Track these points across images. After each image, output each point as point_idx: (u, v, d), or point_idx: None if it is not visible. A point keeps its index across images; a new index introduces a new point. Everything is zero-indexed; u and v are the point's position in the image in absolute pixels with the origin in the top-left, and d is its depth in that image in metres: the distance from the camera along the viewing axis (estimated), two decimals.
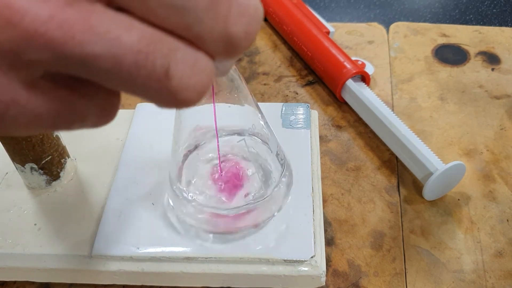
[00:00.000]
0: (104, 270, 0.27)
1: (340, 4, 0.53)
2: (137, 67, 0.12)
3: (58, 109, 0.13)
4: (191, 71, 0.13)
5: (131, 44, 0.12)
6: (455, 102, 0.40)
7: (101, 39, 0.12)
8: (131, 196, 0.29)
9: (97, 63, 0.12)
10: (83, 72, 0.12)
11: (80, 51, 0.12)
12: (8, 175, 0.31)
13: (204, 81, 0.13)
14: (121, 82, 0.13)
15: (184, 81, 0.13)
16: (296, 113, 0.34)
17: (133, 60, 0.12)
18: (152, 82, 0.12)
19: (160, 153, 0.31)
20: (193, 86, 0.13)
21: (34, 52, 0.12)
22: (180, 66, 0.13)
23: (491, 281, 0.29)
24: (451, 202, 0.33)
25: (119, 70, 0.12)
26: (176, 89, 0.13)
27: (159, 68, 0.12)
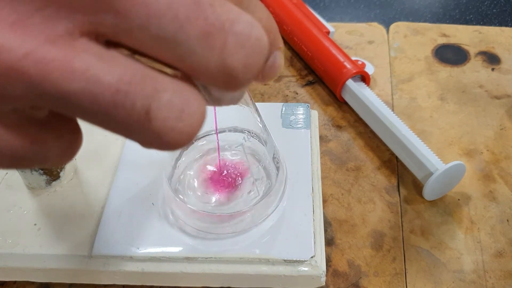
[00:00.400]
0: (104, 270, 0.27)
1: (340, 4, 0.53)
2: (114, 106, 0.12)
3: (23, 147, 0.13)
4: (178, 114, 0.12)
5: (109, 82, 0.11)
6: (455, 102, 0.40)
7: (78, 77, 0.11)
8: (131, 196, 0.29)
9: (74, 101, 0.12)
10: (59, 108, 0.12)
11: (56, 89, 0.11)
12: (8, 175, 0.31)
13: (193, 125, 0.13)
14: (100, 120, 0.12)
15: (168, 124, 0.12)
16: (296, 113, 0.34)
17: (110, 99, 0.12)
18: (132, 122, 0.12)
19: (160, 152, 0.31)
20: (179, 130, 0.12)
21: (8, 87, 0.11)
22: (164, 109, 0.12)
23: (491, 281, 0.29)
24: (451, 202, 0.33)
25: (97, 109, 0.12)
26: (159, 131, 0.12)
27: (139, 108, 0.12)
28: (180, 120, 0.12)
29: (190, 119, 0.12)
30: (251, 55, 0.12)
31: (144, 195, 0.29)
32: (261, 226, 0.27)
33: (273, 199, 0.27)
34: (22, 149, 0.13)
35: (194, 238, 0.27)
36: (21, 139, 0.13)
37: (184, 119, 0.12)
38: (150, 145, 0.13)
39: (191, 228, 0.27)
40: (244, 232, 0.27)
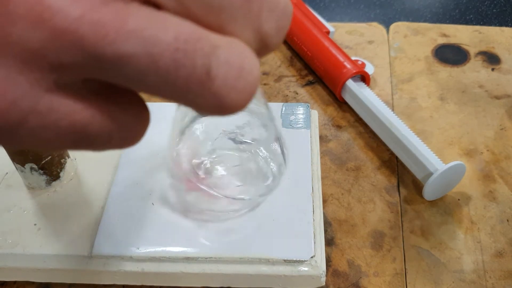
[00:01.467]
0: (104, 270, 0.27)
1: (340, 4, 0.53)
2: (175, 66, 0.11)
3: (84, 123, 0.12)
4: (237, 73, 0.12)
5: (168, 41, 0.11)
6: (455, 102, 0.40)
7: (135, 37, 0.11)
8: (131, 196, 0.29)
9: (132, 64, 0.11)
10: (117, 75, 0.12)
11: (113, 51, 0.11)
12: (8, 175, 0.31)
13: (252, 83, 0.12)
14: (160, 85, 0.12)
15: (229, 83, 0.12)
16: (296, 113, 0.34)
17: (170, 59, 0.11)
18: (193, 84, 0.11)
19: (160, 153, 0.31)
20: (239, 89, 0.12)
21: (63, 52, 0.11)
22: (224, 66, 0.12)
23: (491, 281, 0.29)
24: (451, 202, 0.33)
25: (156, 71, 0.11)
26: (220, 92, 0.12)
27: (200, 67, 0.11)
28: (240, 78, 0.12)
29: (249, 77, 0.12)
30: (281, 19, 0.13)
31: (144, 195, 0.29)
32: (261, 226, 0.27)
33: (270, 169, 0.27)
34: (88, 122, 0.12)
35: (195, 238, 0.27)
36: (85, 110, 0.12)
37: (244, 76, 0.12)
38: (209, 109, 0.12)
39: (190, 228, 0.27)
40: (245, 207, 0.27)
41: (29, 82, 0.11)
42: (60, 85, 0.12)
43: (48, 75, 0.11)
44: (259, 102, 0.26)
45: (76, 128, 0.12)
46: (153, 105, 0.36)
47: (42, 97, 0.12)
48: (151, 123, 0.14)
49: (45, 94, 0.12)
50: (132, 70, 0.11)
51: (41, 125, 0.12)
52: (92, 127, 0.13)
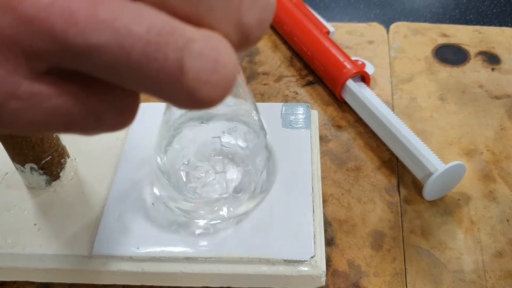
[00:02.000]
0: (104, 270, 0.27)
1: (340, 4, 0.53)
2: (147, 59, 0.11)
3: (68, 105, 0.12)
4: (211, 66, 0.12)
5: (140, 34, 0.11)
6: (455, 102, 0.40)
7: (106, 28, 0.11)
8: (131, 196, 0.29)
9: (102, 54, 0.11)
10: (89, 65, 0.11)
11: (83, 40, 0.11)
12: (8, 175, 0.31)
13: (227, 77, 0.12)
14: (131, 78, 0.12)
15: (203, 76, 0.11)
16: (296, 113, 0.34)
17: (142, 52, 0.11)
18: (165, 77, 0.11)
19: None
20: (214, 83, 0.12)
21: (34, 39, 0.11)
22: (198, 60, 0.11)
23: (491, 281, 0.29)
24: (451, 202, 0.33)
25: (127, 63, 0.11)
26: (193, 86, 0.11)
27: (173, 61, 0.11)
28: (214, 72, 0.12)
29: (224, 70, 0.12)
30: (263, 11, 0.13)
31: (144, 195, 0.29)
32: (261, 226, 0.27)
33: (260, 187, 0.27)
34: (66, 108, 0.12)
35: (195, 238, 0.27)
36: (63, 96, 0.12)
37: (219, 70, 0.12)
38: (183, 103, 0.12)
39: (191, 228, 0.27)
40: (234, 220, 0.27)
41: (5, 69, 0.11)
42: (39, 71, 0.12)
43: (24, 62, 0.11)
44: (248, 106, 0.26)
45: (61, 110, 0.12)
46: (152, 105, 0.36)
47: (21, 83, 0.11)
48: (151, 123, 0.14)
49: (24, 81, 0.11)
50: (103, 61, 0.11)
51: (24, 107, 0.12)
52: (77, 109, 0.12)
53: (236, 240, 0.27)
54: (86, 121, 0.13)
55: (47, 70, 0.12)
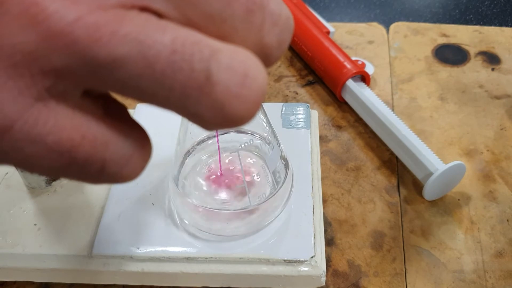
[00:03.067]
0: (104, 270, 0.27)
1: (340, 4, 0.53)
2: (172, 70, 0.11)
3: (73, 144, 0.11)
4: (241, 79, 0.11)
5: (164, 43, 0.11)
6: (455, 102, 0.40)
7: (130, 40, 0.10)
8: (131, 196, 0.29)
9: (126, 67, 0.11)
10: (112, 80, 0.11)
11: (107, 53, 0.10)
12: (8, 175, 0.31)
13: (257, 91, 0.11)
14: (156, 90, 0.11)
15: (232, 90, 0.11)
16: (296, 113, 0.34)
17: (167, 62, 0.11)
18: (192, 89, 0.11)
19: (160, 153, 0.31)
20: (244, 97, 0.11)
21: (56, 55, 0.11)
22: (226, 72, 0.11)
23: (491, 281, 0.29)
24: (451, 202, 0.33)
25: (152, 75, 0.11)
26: (222, 99, 0.11)
27: (199, 72, 0.11)
28: (244, 85, 0.11)
29: (254, 84, 0.11)
30: (283, 32, 0.13)
31: (144, 195, 0.29)
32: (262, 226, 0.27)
33: (281, 198, 0.27)
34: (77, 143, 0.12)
35: (194, 238, 0.27)
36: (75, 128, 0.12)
37: (248, 84, 0.11)
38: (212, 120, 0.11)
39: (191, 228, 0.27)
40: (251, 234, 0.27)
41: (18, 87, 0.11)
42: (52, 94, 0.11)
43: (39, 81, 0.11)
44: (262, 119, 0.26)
45: (63, 147, 0.12)
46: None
47: (31, 106, 0.11)
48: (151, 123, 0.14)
49: (34, 103, 0.11)
50: (126, 74, 0.11)
51: (26, 137, 0.11)
52: (81, 150, 0.12)
53: (236, 240, 0.27)
54: (88, 165, 0.12)
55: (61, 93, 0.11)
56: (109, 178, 0.13)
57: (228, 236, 0.27)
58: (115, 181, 0.13)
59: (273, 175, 0.27)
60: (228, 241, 0.27)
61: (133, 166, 0.13)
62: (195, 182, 0.28)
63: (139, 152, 0.13)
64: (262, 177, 0.27)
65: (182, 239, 0.27)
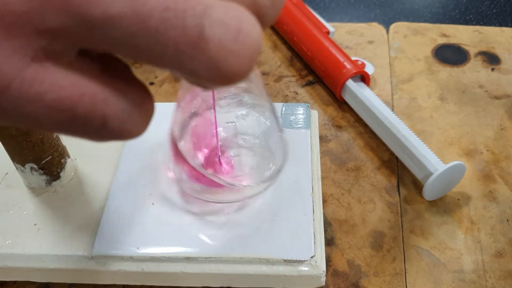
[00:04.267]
0: (104, 270, 0.27)
1: (340, 4, 0.53)
2: (165, 27, 0.11)
3: (73, 102, 0.12)
4: (234, 35, 0.11)
5: (157, 0, 0.11)
6: (455, 102, 0.40)
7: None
8: (131, 196, 0.29)
9: (120, 25, 0.11)
10: (106, 39, 0.11)
11: (101, 12, 0.10)
12: (8, 175, 0.31)
13: (252, 47, 0.11)
14: (151, 48, 0.11)
15: (225, 45, 0.11)
16: (296, 113, 0.34)
17: (160, 19, 0.11)
18: (185, 46, 0.11)
19: (160, 152, 0.31)
20: (238, 53, 0.11)
21: (49, 14, 0.11)
22: (219, 27, 0.11)
23: (491, 281, 0.29)
24: (451, 202, 0.33)
25: (146, 32, 0.11)
26: (216, 55, 0.11)
27: (192, 28, 0.11)
28: (237, 41, 0.11)
29: (248, 40, 0.11)
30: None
31: (144, 195, 0.29)
32: (261, 226, 0.27)
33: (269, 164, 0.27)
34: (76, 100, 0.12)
35: (195, 238, 0.27)
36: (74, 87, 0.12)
37: (242, 40, 0.11)
38: (206, 75, 0.12)
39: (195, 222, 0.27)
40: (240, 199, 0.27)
41: (13, 47, 0.11)
42: (48, 54, 0.11)
43: (34, 42, 0.11)
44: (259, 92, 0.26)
45: (63, 105, 0.12)
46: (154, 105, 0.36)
47: (28, 65, 0.11)
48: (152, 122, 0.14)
49: (30, 63, 0.11)
50: (121, 33, 0.11)
51: (24, 95, 0.11)
52: (81, 107, 0.12)
53: (236, 240, 0.27)
54: (89, 122, 0.12)
55: (57, 54, 0.11)
56: (113, 133, 0.13)
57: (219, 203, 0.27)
58: (120, 137, 0.13)
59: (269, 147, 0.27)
60: (228, 241, 0.27)
61: (135, 121, 0.13)
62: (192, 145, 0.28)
63: (140, 107, 0.13)
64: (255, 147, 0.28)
65: (182, 239, 0.27)
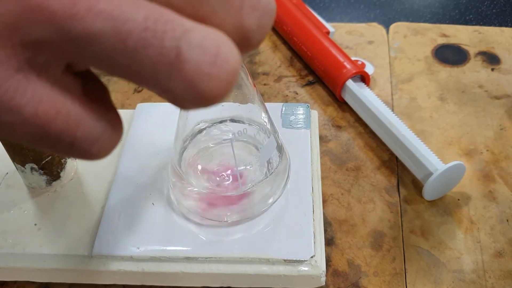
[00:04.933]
0: (104, 270, 0.27)
1: (340, 4, 0.53)
2: (143, 45, 0.11)
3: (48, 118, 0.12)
4: (212, 59, 0.12)
5: (137, 21, 0.11)
6: (455, 102, 0.40)
7: (105, 16, 0.11)
8: (131, 196, 0.29)
9: (100, 41, 0.11)
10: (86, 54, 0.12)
11: (82, 28, 0.11)
12: (8, 175, 0.31)
13: (229, 71, 0.12)
14: (128, 65, 0.12)
15: (202, 68, 0.11)
16: (296, 113, 0.34)
17: (138, 38, 0.11)
18: (161, 65, 0.11)
19: (160, 153, 0.31)
20: (215, 76, 0.12)
21: (35, 26, 0.11)
22: (196, 50, 0.11)
23: (491, 281, 0.29)
24: (451, 202, 0.33)
25: (124, 50, 0.11)
26: (192, 77, 0.11)
27: (169, 48, 0.11)
28: (214, 65, 0.12)
29: (225, 65, 0.12)
30: (263, 16, 0.13)
31: (144, 195, 0.29)
32: (261, 226, 0.27)
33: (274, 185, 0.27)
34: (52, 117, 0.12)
35: (194, 238, 0.27)
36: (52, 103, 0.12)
37: (219, 64, 0.12)
38: (184, 97, 0.12)
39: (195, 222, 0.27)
40: (244, 221, 0.27)
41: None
42: (33, 66, 0.12)
43: (20, 53, 0.11)
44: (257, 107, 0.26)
45: (38, 120, 0.12)
46: (152, 105, 0.36)
47: (11, 76, 0.12)
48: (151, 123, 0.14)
49: (15, 73, 0.12)
50: (100, 49, 0.11)
51: (4, 106, 0.12)
52: (54, 125, 0.12)
53: (236, 240, 0.27)
54: (59, 140, 0.13)
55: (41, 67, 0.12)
56: (78, 154, 0.13)
57: (222, 222, 0.27)
58: (84, 158, 0.14)
59: (267, 164, 0.27)
60: (228, 241, 0.27)
61: (101, 146, 0.14)
62: (192, 169, 0.28)
63: (109, 133, 0.14)
64: (255, 165, 0.28)
65: (182, 239, 0.27)
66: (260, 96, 0.27)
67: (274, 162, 0.27)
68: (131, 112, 0.34)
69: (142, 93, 0.41)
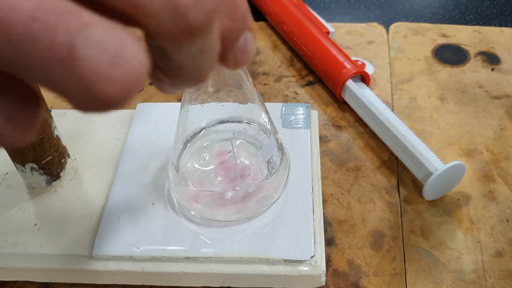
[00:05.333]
0: (104, 270, 0.27)
1: (340, 4, 0.53)
2: (31, 38, 0.10)
3: None
4: (110, 59, 0.10)
5: (26, 9, 0.10)
6: (455, 102, 0.40)
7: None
8: (131, 196, 0.29)
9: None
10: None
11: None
12: (8, 175, 0.31)
13: (129, 74, 0.11)
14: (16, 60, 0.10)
15: (99, 68, 0.10)
16: (296, 113, 0.34)
17: (25, 29, 0.10)
18: (52, 62, 0.10)
19: (160, 153, 0.31)
20: (113, 78, 0.10)
21: None
22: (93, 48, 0.10)
23: (491, 281, 0.29)
24: (451, 202, 0.33)
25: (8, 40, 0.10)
26: (87, 77, 0.10)
27: (60, 43, 0.10)
28: (113, 65, 0.10)
29: (125, 66, 0.10)
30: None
31: (144, 195, 0.29)
32: (261, 226, 0.27)
33: (274, 185, 0.27)
34: None
35: (194, 238, 0.27)
36: None
37: (120, 64, 0.10)
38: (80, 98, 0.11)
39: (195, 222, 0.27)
40: (249, 220, 0.27)
41: None
42: None
43: None
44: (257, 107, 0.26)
45: None
46: (152, 105, 0.36)
47: None
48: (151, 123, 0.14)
49: None
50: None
51: None
52: None
53: (236, 240, 0.27)
54: None
55: None
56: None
57: (223, 222, 0.27)
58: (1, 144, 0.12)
59: (267, 164, 0.27)
60: (228, 241, 0.27)
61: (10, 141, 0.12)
62: (192, 170, 0.28)
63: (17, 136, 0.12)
64: (255, 165, 0.28)
65: (182, 239, 0.27)
66: (260, 96, 0.27)
67: (274, 162, 0.27)
68: (131, 112, 0.34)
69: (142, 93, 0.41)
